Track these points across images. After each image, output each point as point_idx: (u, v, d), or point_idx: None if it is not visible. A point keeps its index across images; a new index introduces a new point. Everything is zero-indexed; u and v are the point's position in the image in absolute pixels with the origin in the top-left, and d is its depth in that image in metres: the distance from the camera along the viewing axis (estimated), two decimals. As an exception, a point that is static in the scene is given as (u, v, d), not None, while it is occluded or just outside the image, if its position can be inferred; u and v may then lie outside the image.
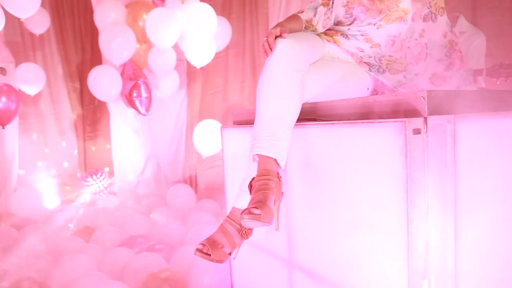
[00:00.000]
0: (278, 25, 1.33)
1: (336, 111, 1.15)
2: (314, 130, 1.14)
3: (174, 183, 3.92)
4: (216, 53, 3.29)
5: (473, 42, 2.11)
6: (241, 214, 1.02)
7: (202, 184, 3.92)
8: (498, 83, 2.01)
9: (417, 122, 0.87)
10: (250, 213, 0.99)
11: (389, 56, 1.44)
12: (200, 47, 2.73)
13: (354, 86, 1.40)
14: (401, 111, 0.95)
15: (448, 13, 2.25)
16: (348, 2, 1.43)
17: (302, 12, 1.50)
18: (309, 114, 1.26)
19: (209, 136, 2.96)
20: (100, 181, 4.14)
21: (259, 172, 1.12)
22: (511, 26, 2.40)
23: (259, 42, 3.58)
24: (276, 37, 1.26)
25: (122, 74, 2.88)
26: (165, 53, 2.79)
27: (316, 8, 1.49)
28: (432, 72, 1.45)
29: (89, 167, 4.55)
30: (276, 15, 3.55)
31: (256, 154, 1.14)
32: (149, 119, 3.91)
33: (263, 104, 1.18)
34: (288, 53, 1.20)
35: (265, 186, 1.07)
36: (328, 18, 1.49)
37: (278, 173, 1.14)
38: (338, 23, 1.50)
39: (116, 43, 2.63)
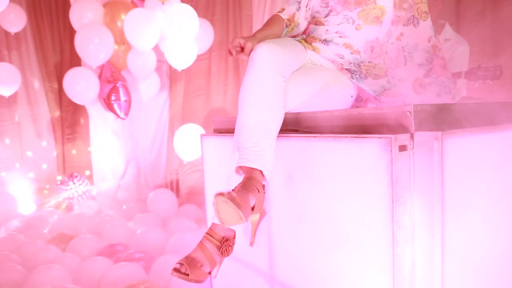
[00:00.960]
0: (253, 35, 1.29)
1: (319, 123, 1.10)
2: (296, 142, 1.09)
3: (156, 188, 3.82)
4: (199, 56, 3.22)
5: (457, 50, 2.15)
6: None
7: (184, 189, 3.83)
8: (476, 85, 2.02)
9: (403, 138, 0.83)
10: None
11: (368, 62, 1.41)
12: (181, 49, 2.66)
13: (338, 94, 1.36)
14: (387, 125, 0.90)
15: (434, 20, 2.25)
16: None
17: (283, 10, 1.45)
18: (291, 125, 1.21)
19: (190, 141, 2.88)
20: (80, 185, 4.01)
21: (243, 181, 1.07)
22: (490, 32, 2.41)
23: (242, 44, 3.52)
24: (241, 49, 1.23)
25: (100, 77, 2.77)
26: (144, 55, 2.71)
27: (299, 2, 1.45)
28: (414, 77, 1.42)
29: (68, 170, 4.41)
30: (261, 17, 3.50)
31: (240, 166, 1.08)
32: (130, 122, 3.81)
33: (246, 112, 1.12)
34: (270, 58, 1.15)
35: (249, 187, 1.03)
36: (308, 8, 1.46)
37: (263, 186, 1.09)
38: (314, 19, 1.45)
39: (93, 44, 2.53)
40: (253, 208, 1.02)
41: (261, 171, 1.07)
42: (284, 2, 3.41)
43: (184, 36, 2.53)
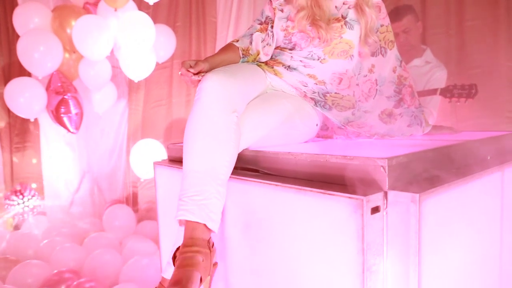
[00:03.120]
0: (204, 59, 1.15)
1: (282, 166, 0.98)
2: (256, 187, 0.96)
3: (113, 202, 3.58)
4: (160, 64, 3.03)
5: (435, 74, 2.17)
6: None
7: (143, 204, 3.62)
8: (449, 102, 2.02)
9: (376, 199, 0.72)
10: None
11: (335, 93, 1.30)
12: (137, 59, 2.46)
13: (302, 125, 1.24)
14: (357, 179, 0.79)
15: (417, 46, 2.22)
16: (287, 26, 1.28)
17: (238, 40, 1.32)
18: (251, 164, 1.08)
19: (147, 158, 2.69)
20: (29, 200, 3.69)
21: (184, 241, 0.92)
22: (459, 50, 2.40)
23: (206, 52, 3.36)
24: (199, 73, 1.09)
25: (48, 87, 2.52)
26: (98, 64, 2.49)
27: (252, 35, 1.32)
28: (382, 108, 1.34)
29: (17, 182, 4.06)
30: (226, 24, 3.35)
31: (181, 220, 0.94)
32: (86, 132, 3.55)
33: (191, 155, 0.98)
34: (219, 90, 1.00)
35: (189, 261, 0.88)
36: (268, 44, 1.33)
37: (209, 241, 0.95)
38: (279, 47, 1.34)
39: (38, 52, 2.29)
40: (201, 279, 0.88)
41: (205, 225, 0.93)
42: (250, 11, 3.29)
43: (139, 45, 2.34)
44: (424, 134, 1.35)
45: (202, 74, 1.09)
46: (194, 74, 1.09)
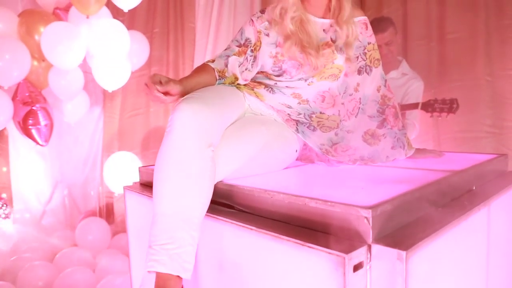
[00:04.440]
0: (179, 81, 1.05)
1: (257, 204, 0.90)
2: (229, 228, 0.88)
3: (87, 214, 3.44)
4: (136, 71, 2.91)
5: (412, 85, 2.14)
6: None
7: (119, 215, 3.48)
8: (431, 116, 2.00)
9: (359, 254, 0.65)
10: None
11: (320, 113, 1.25)
12: (111, 68, 2.35)
13: (281, 153, 1.17)
14: (338, 228, 0.73)
15: (393, 57, 2.19)
16: (277, 53, 1.20)
17: (214, 61, 1.23)
18: (225, 198, 1.00)
19: (122, 172, 2.57)
20: (-4, 211, 3.50)
21: None
22: (439, 63, 2.39)
23: (184, 59, 3.26)
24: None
25: (14, 97, 2.38)
26: (69, 73, 2.36)
27: (228, 57, 1.22)
28: (365, 129, 1.29)
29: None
30: (206, 30, 3.26)
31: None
32: (58, 139, 3.39)
33: (161, 195, 0.89)
34: (193, 123, 0.92)
35: None
36: (247, 69, 1.24)
37: None
38: (263, 73, 1.27)
39: (3, 60, 2.15)
40: None
41: (177, 275, 0.85)
42: (231, 18, 3.20)
43: (113, 54, 2.22)
44: (408, 158, 1.30)
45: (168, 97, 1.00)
46: (159, 91, 0.99)
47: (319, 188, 0.92)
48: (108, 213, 3.56)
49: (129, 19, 3.11)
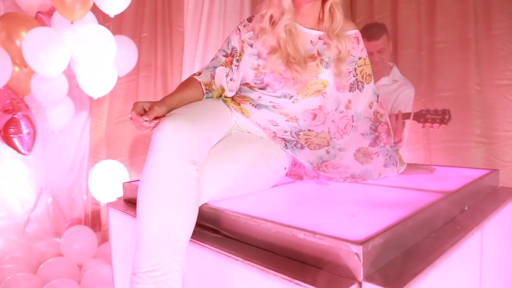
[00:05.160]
0: (161, 100, 1.02)
1: (243, 231, 0.86)
2: (215, 256, 0.84)
3: (73, 221, 3.36)
4: (125, 76, 2.84)
5: (403, 92, 2.11)
6: None
7: (106, 223, 3.40)
8: (422, 127, 1.98)
9: (349, 294, 0.62)
10: None
11: (309, 130, 1.21)
12: (97, 75, 2.28)
13: (268, 171, 1.13)
14: (327, 262, 0.69)
15: (384, 64, 2.17)
16: (258, 65, 1.16)
17: (200, 73, 1.18)
18: (210, 222, 0.96)
19: (108, 181, 2.51)
20: (-21, 218, 3.40)
21: None
22: (429, 72, 2.38)
23: (172, 64, 3.20)
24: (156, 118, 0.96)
25: (-6, 104, 2.30)
26: (52, 79, 2.29)
27: (215, 68, 1.19)
28: (357, 146, 1.25)
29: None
30: (195, 35, 3.20)
31: None
32: (43, 145, 3.30)
33: (145, 219, 0.85)
34: (177, 142, 0.88)
35: None
36: (232, 80, 1.21)
37: None
38: (247, 85, 1.23)
39: (-18, 67, 2.07)
40: None
41: None
42: (220, 23, 3.16)
43: (98, 61, 2.16)
44: (400, 174, 1.28)
45: (157, 120, 0.96)
46: (147, 121, 0.95)
47: (308, 214, 0.88)
48: (94, 220, 3.48)
49: (117, 23, 3.03)
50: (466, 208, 1.06)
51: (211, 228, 0.96)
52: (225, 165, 1.01)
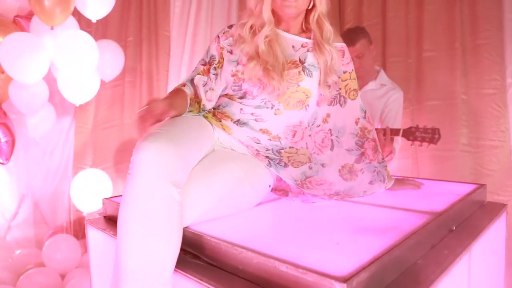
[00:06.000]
0: (165, 100, 0.99)
1: (225, 259, 0.83)
2: (194, 286, 0.80)
3: (56, 229, 3.27)
4: (111, 81, 2.77)
5: (392, 96, 2.08)
6: None
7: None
8: (412, 146, 1.96)
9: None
10: None
11: (290, 147, 1.18)
12: (78, 82, 2.22)
13: (253, 191, 1.09)
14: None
15: (370, 67, 2.15)
16: (237, 71, 1.13)
17: (184, 85, 1.17)
18: (192, 247, 0.92)
19: (91, 190, 2.45)
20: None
21: None
22: (417, 80, 2.37)
23: (158, 69, 3.14)
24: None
25: (-30, 112, 2.21)
26: (32, 86, 2.22)
27: (192, 79, 1.19)
28: (342, 163, 1.22)
29: None
30: (182, 39, 3.15)
31: None
32: (25, 150, 3.21)
33: (125, 248, 0.80)
34: (157, 164, 0.83)
35: None
36: (211, 89, 1.19)
37: None
38: (227, 95, 1.19)
39: (-43, 73, 1.99)
40: None
41: None
42: (207, 27, 3.11)
43: (80, 67, 2.10)
44: (387, 190, 1.25)
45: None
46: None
47: (292, 240, 0.85)
48: (78, 228, 3.39)
49: (102, 27, 2.96)
50: (454, 228, 1.04)
51: (193, 253, 0.92)
52: (208, 187, 0.97)
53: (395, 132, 1.94)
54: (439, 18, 2.25)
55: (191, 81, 1.22)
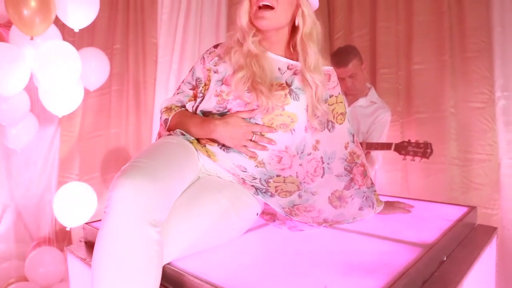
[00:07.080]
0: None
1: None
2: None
3: (40, 241, 3.18)
4: (97, 90, 2.69)
5: (379, 116, 2.09)
6: None
7: (75, 242, 3.24)
8: (403, 159, 1.94)
9: None
10: None
11: (277, 176, 1.13)
12: (61, 93, 2.15)
13: (240, 221, 1.05)
14: None
15: (362, 83, 2.13)
16: (221, 92, 1.09)
17: (171, 108, 1.16)
18: (174, 284, 0.88)
19: (76, 205, 2.38)
20: None
21: None
22: (407, 93, 2.36)
23: (145, 77, 3.07)
24: None
25: None
26: (13, 97, 2.14)
27: (184, 105, 1.20)
28: (332, 189, 1.19)
29: None
30: (170, 47, 3.09)
31: None
32: (7, 157, 3.11)
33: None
34: (135, 203, 0.78)
35: None
36: (192, 107, 1.20)
37: None
38: (212, 111, 1.14)
39: None
40: None
41: None
42: (196, 35, 3.05)
43: (62, 78, 2.02)
44: (377, 214, 1.22)
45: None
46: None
47: (277, 281, 0.81)
48: (62, 239, 3.31)
49: (89, 34, 2.88)
50: (445, 259, 1.02)
51: (174, 292, 0.87)
52: (191, 221, 0.93)
53: (387, 146, 1.93)
54: (428, 29, 2.24)
55: (180, 103, 1.22)
